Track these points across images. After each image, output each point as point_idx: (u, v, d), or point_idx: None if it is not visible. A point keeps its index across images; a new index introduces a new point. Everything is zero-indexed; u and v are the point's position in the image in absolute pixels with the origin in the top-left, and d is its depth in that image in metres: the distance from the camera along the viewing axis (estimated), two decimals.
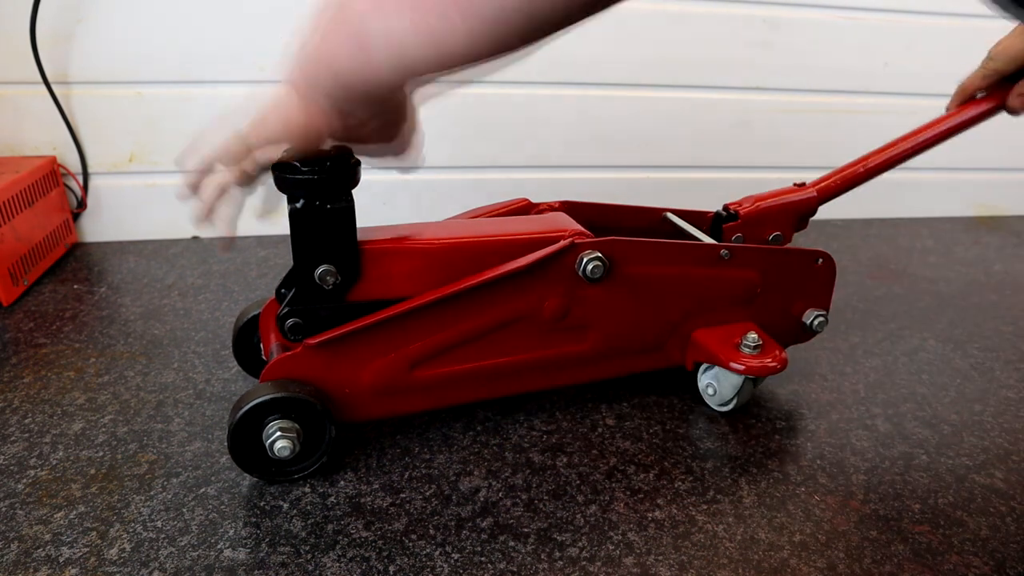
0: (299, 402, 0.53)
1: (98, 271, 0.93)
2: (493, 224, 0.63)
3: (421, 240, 0.58)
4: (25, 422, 0.62)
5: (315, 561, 0.49)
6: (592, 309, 0.62)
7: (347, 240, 0.54)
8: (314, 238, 0.53)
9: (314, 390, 0.55)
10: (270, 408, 0.53)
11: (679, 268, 0.64)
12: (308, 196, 0.52)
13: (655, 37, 1.06)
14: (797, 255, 0.67)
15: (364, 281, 0.56)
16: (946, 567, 0.50)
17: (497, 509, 0.54)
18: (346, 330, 0.55)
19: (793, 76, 1.14)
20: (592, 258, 0.59)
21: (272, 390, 0.53)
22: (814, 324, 0.69)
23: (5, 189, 0.82)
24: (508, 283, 0.58)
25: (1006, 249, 1.15)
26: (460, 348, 0.59)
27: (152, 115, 0.97)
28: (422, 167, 1.03)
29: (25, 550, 0.49)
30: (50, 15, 0.89)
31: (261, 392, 0.53)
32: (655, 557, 0.50)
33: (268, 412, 0.53)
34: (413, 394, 0.59)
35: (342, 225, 0.54)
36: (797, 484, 0.58)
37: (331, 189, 0.52)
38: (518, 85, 1.05)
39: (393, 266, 0.57)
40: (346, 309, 0.56)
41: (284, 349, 0.58)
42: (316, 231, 0.53)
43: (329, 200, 0.52)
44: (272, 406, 0.53)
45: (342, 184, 0.52)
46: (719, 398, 0.66)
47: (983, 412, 0.69)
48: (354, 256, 0.55)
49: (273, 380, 0.55)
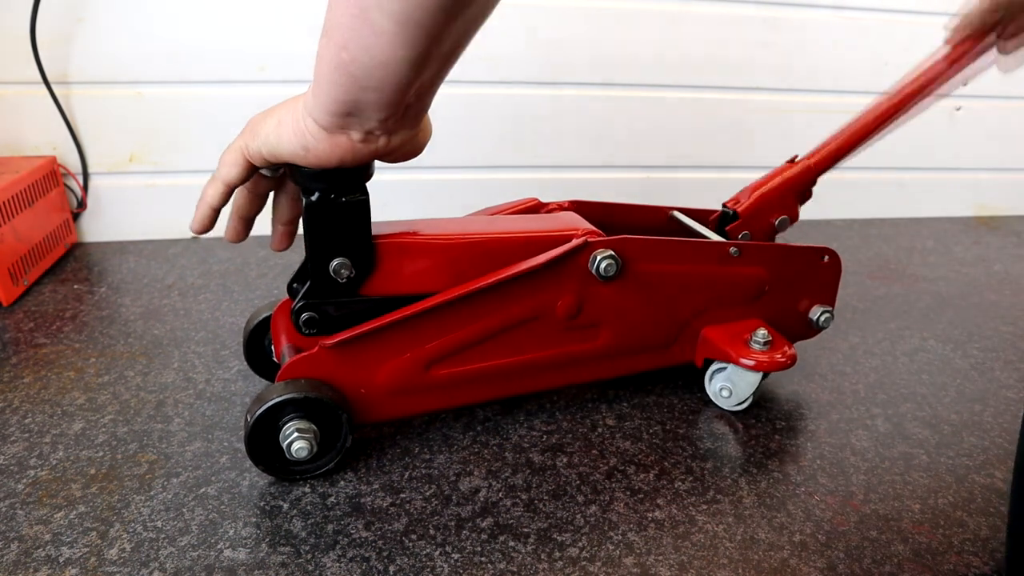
0: (321, 405, 0.54)
1: (98, 271, 0.93)
2: (506, 222, 0.64)
3: (435, 236, 0.58)
4: (25, 422, 0.62)
5: (315, 561, 0.49)
6: (604, 307, 0.62)
7: (362, 233, 0.54)
8: (329, 231, 0.53)
9: (337, 394, 0.55)
10: (291, 408, 0.53)
11: (689, 266, 0.64)
12: (323, 189, 0.51)
13: (655, 37, 1.06)
14: (804, 252, 0.68)
15: (377, 276, 0.56)
16: (946, 567, 0.50)
17: (497, 509, 0.54)
18: (362, 330, 0.55)
19: (793, 76, 1.15)
20: (605, 256, 0.60)
21: (300, 389, 0.53)
22: (820, 320, 0.70)
23: (5, 189, 0.82)
24: (522, 282, 0.58)
25: (1006, 249, 1.15)
26: (475, 347, 0.59)
27: (152, 115, 0.97)
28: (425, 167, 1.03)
29: (25, 550, 0.49)
30: (50, 15, 0.89)
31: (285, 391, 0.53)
32: (655, 557, 0.50)
33: (288, 412, 0.54)
34: (428, 394, 0.60)
35: (357, 218, 0.53)
36: (797, 484, 0.58)
37: (346, 182, 0.51)
38: (519, 85, 1.05)
39: (406, 261, 0.57)
40: (360, 304, 0.56)
41: (296, 350, 0.58)
42: (331, 224, 0.53)
43: (344, 193, 0.52)
44: (293, 406, 0.53)
45: (357, 177, 0.52)
46: (735, 399, 0.66)
47: (983, 412, 0.69)
48: (369, 249, 0.55)
49: (293, 380, 0.55)
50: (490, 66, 1.03)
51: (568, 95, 1.08)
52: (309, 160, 0.48)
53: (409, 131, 0.48)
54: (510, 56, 1.03)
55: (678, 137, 1.14)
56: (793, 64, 1.13)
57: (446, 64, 0.43)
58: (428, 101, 0.47)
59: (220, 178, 0.52)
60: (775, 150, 1.19)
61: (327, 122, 0.45)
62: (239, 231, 0.57)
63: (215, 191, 0.52)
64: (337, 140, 0.46)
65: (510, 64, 1.04)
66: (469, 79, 1.03)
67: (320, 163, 0.48)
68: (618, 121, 1.11)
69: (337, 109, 0.44)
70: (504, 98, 1.06)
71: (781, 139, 1.18)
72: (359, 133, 0.46)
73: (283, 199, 0.57)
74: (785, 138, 1.18)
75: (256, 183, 0.55)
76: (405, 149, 0.50)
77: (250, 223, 0.57)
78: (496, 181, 1.11)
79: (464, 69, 1.02)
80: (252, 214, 0.57)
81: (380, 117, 0.44)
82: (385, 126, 0.46)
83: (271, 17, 0.95)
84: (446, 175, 1.09)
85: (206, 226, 0.53)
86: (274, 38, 0.96)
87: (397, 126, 0.47)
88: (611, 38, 1.05)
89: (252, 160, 0.50)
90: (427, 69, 0.42)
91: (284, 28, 0.96)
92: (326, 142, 0.46)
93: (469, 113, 1.05)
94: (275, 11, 0.95)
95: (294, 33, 0.96)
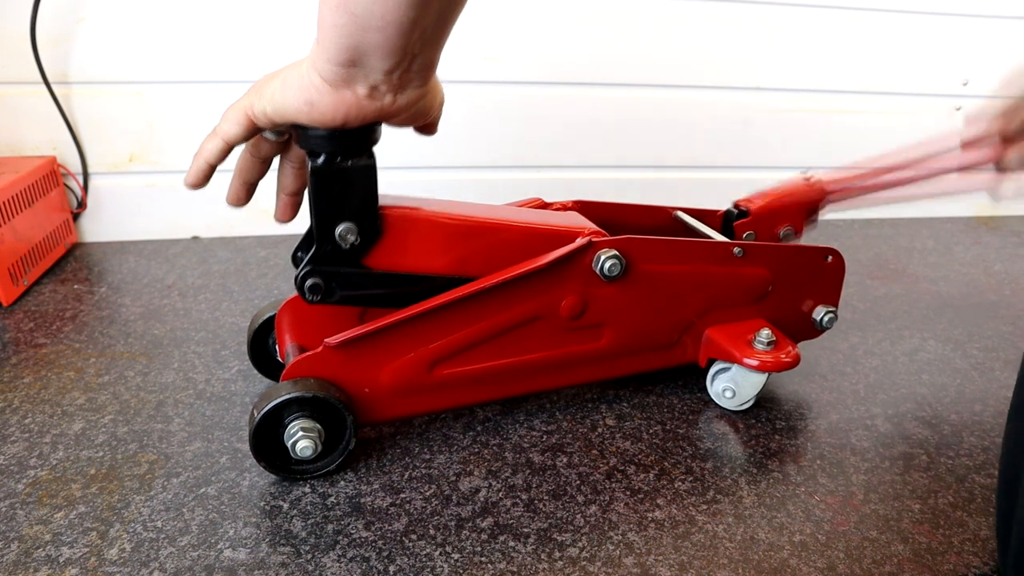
0: (328, 405, 0.54)
1: (98, 271, 0.93)
2: (513, 211, 0.64)
3: (441, 214, 0.57)
4: (25, 422, 0.62)
5: (315, 561, 0.49)
6: (608, 307, 0.62)
7: (368, 198, 0.53)
8: (335, 195, 0.52)
9: (344, 395, 0.55)
10: (297, 406, 0.54)
11: (693, 266, 0.64)
12: (329, 152, 0.50)
13: (657, 37, 1.06)
14: (808, 252, 0.68)
15: (381, 247, 0.56)
16: (946, 567, 0.50)
17: (497, 509, 0.54)
18: (366, 330, 0.55)
19: (793, 76, 1.15)
20: (609, 256, 0.60)
21: (309, 388, 0.53)
22: (824, 321, 0.70)
23: (5, 189, 0.82)
24: (526, 282, 0.59)
25: (1006, 249, 1.15)
26: (479, 347, 0.59)
27: (152, 115, 0.97)
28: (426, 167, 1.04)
29: (25, 550, 0.49)
30: (50, 15, 0.89)
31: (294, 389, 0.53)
32: (655, 557, 0.50)
33: (294, 410, 0.54)
34: (432, 393, 0.60)
35: (363, 182, 0.52)
36: (797, 484, 0.58)
37: (352, 144, 0.51)
38: (520, 85, 1.05)
39: (411, 236, 0.56)
40: (363, 277, 0.56)
41: (301, 349, 0.58)
42: (337, 188, 0.52)
43: (350, 156, 0.51)
44: (301, 405, 0.54)
45: (363, 139, 0.51)
46: (739, 399, 0.66)
47: (983, 412, 0.69)
48: (375, 215, 0.54)
49: (302, 378, 0.55)
50: (492, 66, 1.03)
51: (571, 95, 1.08)
52: (314, 117, 0.47)
53: (416, 90, 0.48)
54: (512, 56, 1.03)
55: (680, 137, 1.14)
56: (793, 64, 1.13)
57: (448, 5, 0.43)
58: (434, 55, 0.46)
59: (220, 134, 0.51)
60: (776, 150, 1.19)
61: (331, 74, 0.44)
62: (240, 195, 0.56)
63: (213, 147, 0.51)
64: (342, 95, 0.46)
65: (512, 64, 1.04)
66: (471, 79, 1.03)
67: (325, 120, 0.47)
68: (620, 121, 1.11)
69: (340, 58, 0.43)
70: (507, 98, 1.06)
71: (782, 139, 1.18)
72: (364, 87, 0.45)
73: (288, 168, 0.57)
74: (785, 138, 1.18)
75: (259, 146, 0.54)
76: (413, 111, 0.49)
77: (252, 188, 0.57)
78: (499, 181, 1.11)
79: (466, 69, 1.03)
80: (255, 179, 0.56)
81: (384, 67, 0.44)
82: (390, 80, 0.45)
83: (271, 17, 0.95)
84: (448, 175, 1.09)
85: (200, 181, 0.53)
86: (275, 38, 0.96)
87: (403, 81, 0.46)
88: (613, 38, 1.05)
89: (256, 120, 0.50)
90: (429, 6, 0.41)
91: (284, 28, 0.95)
92: (331, 96, 0.46)
93: (471, 113, 1.05)
94: (275, 11, 0.95)
95: (294, 33, 0.96)
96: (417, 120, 0.51)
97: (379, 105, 0.47)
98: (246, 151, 0.55)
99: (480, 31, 1.01)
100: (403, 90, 0.47)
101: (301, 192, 0.58)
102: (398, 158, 1.03)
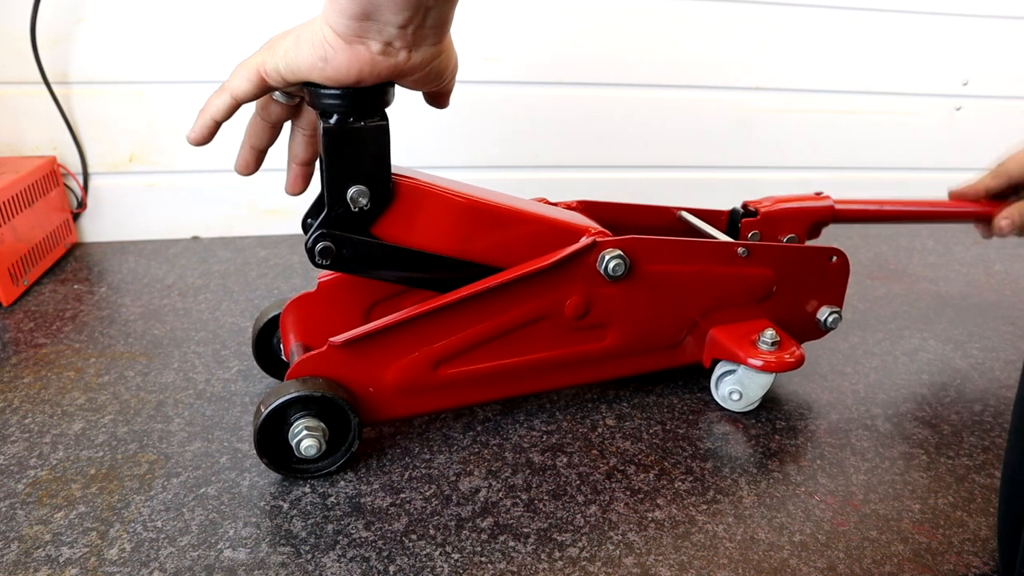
0: (335, 405, 0.54)
1: (98, 271, 0.93)
2: (522, 201, 0.63)
3: (453, 191, 0.57)
4: (25, 422, 0.62)
5: (315, 561, 0.49)
6: (612, 307, 0.62)
7: (381, 160, 0.53)
8: (347, 157, 0.51)
9: (350, 395, 0.55)
10: (302, 405, 0.54)
11: (697, 266, 0.64)
12: (342, 112, 0.50)
13: (658, 37, 1.06)
14: (812, 253, 0.68)
15: (391, 217, 0.55)
16: (946, 567, 0.50)
17: (497, 509, 0.54)
18: (371, 329, 0.55)
19: (793, 76, 1.15)
20: (614, 256, 0.60)
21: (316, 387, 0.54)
22: (828, 321, 0.70)
23: (5, 189, 0.82)
24: (530, 282, 0.59)
25: (1006, 249, 1.15)
26: (483, 347, 0.59)
27: (152, 115, 0.97)
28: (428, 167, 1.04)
29: (25, 550, 0.49)
30: (50, 15, 0.89)
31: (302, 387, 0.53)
32: (655, 557, 0.50)
33: (298, 409, 0.54)
34: (436, 393, 0.60)
35: (376, 144, 0.52)
36: (797, 484, 0.58)
37: (365, 106, 0.50)
38: (520, 85, 1.05)
39: (421, 209, 0.56)
40: (371, 246, 0.55)
41: (305, 349, 0.58)
42: (349, 150, 0.51)
43: (363, 117, 0.51)
44: (306, 404, 0.54)
45: (376, 99, 0.50)
46: (746, 401, 0.66)
47: (983, 412, 0.69)
48: (387, 178, 0.54)
49: (311, 377, 0.55)
50: (493, 66, 1.03)
51: (572, 95, 1.08)
52: (327, 74, 0.46)
53: (431, 47, 0.47)
54: (513, 56, 1.03)
55: (680, 137, 1.14)
56: (793, 64, 1.13)
57: None
58: (448, 9, 0.46)
59: (228, 89, 0.50)
60: (776, 150, 1.19)
61: (344, 27, 0.44)
62: (249, 162, 0.56)
63: (220, 103, 0.50)
64: (356, 51, 0.45)
65: (513, 64, 1.04)
66: (473, 79, 1.03)
67: (339, 78, 0.46)
68: (623, 121, 1.11)
69: (353, 10, 0.43)
70: (510, 98, 1.06)
71: (782, 139, 1.18)
72: (378, 43, 0.45)
73: (299, 135, 0.56)
74: (786, 138, 1.18)
75: (268, 109, 0.54)
76: (427, 70, 0.48)
77: (261, 156, 0.56)
78: (499, 181, 1.11)
79: (467, 69, 1.02)
80: (264, 145, 0.55)
81: (398, 21, 0.44)
82: (404, 35, 0.45)
83: (271, 17, 0.95)
84: (450, 175, 1.09)
85: (204, 137, 0.52)
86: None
87: (416, 38, 0.46)
88: (613, 38, 1.05)
89: (268, 79, 0.49)
90: None
91: (284, 28, 0.95)
92: (344, 52, 0.45)
93: (474, 113, 1.05)
94: (275, 11, 0.95)
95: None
96: (431, 82, 0.51)
97: (393, 62, 0.46)
98: (255, 115, 0.54)
99: (481, 31, 1.01)
100: (417, 47, 0.46)
101: (312, 162, 0.57)
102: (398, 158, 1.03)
